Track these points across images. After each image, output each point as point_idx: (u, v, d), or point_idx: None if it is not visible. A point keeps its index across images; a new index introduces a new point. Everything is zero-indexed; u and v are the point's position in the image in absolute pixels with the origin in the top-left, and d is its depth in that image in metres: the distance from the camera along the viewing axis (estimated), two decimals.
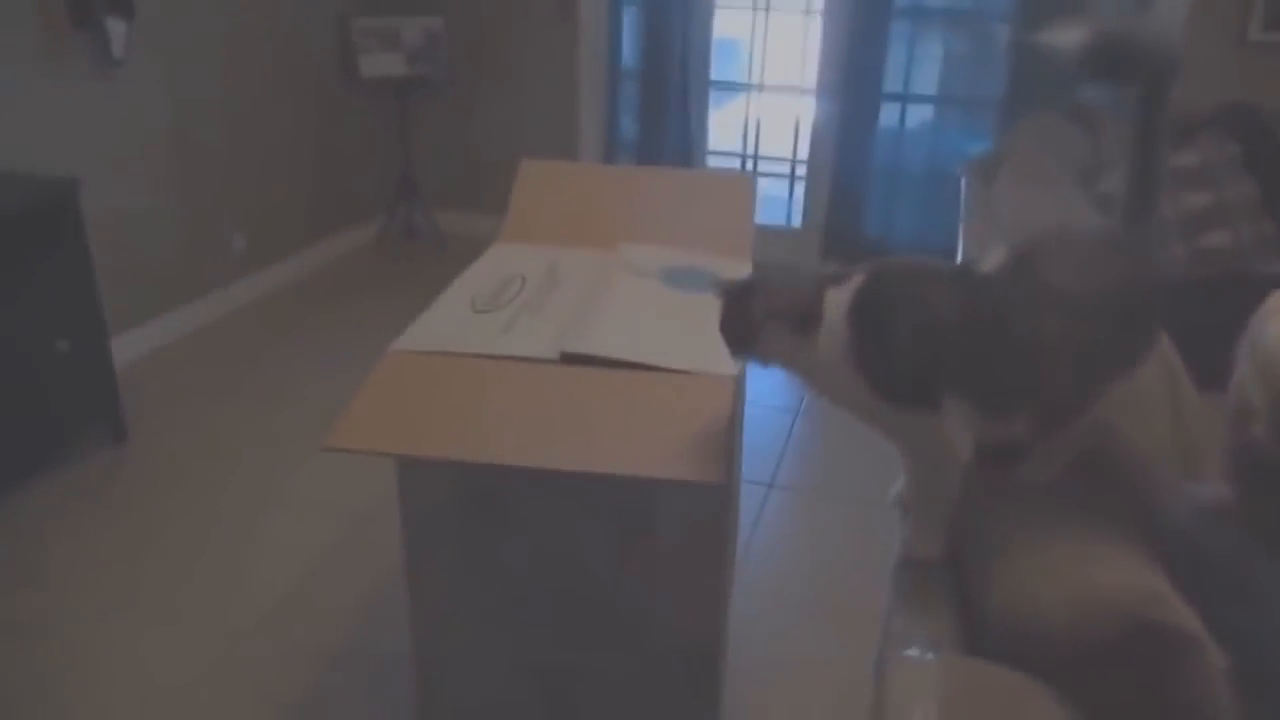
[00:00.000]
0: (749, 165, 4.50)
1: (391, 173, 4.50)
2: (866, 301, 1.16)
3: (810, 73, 4.16)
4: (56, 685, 1.98)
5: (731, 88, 4.52)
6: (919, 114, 4.15)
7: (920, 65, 4.05)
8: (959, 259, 2.38)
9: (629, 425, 1.37)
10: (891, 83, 4.03)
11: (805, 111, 4.24)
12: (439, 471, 1.49)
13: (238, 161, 3.72)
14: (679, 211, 2.02)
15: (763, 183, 4.33)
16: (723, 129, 4.57)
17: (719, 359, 1.50)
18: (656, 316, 1.64)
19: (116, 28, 3.02)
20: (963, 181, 3.04)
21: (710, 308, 1.33)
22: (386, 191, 4.53)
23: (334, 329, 3.70)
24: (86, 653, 2.06)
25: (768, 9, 4.23)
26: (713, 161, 4.48)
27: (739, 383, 1.49)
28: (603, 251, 1.87)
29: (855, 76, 4.01)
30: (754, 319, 1.22)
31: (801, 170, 4.34)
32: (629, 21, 4.22)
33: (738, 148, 4.52)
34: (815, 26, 4.09)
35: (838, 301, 1.16)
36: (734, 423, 1.37)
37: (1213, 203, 2.91)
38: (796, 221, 4.40)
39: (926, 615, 1.06)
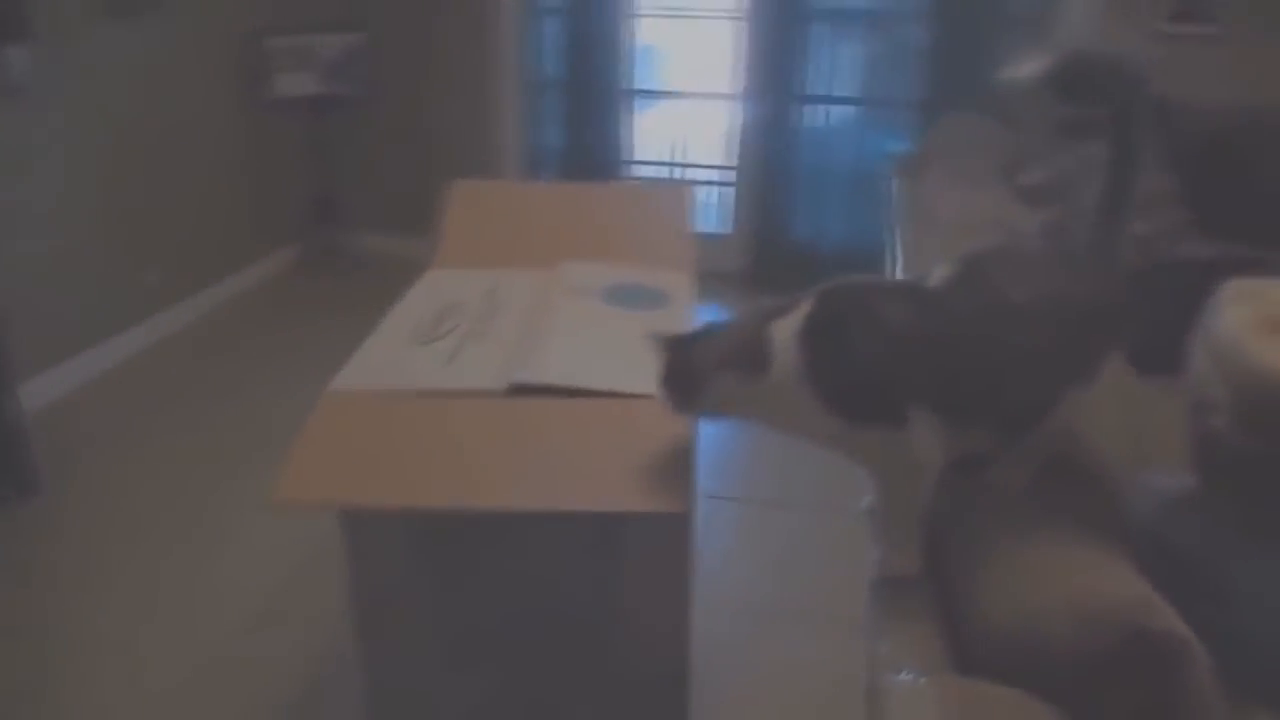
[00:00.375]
0: (676, 173, 4.48)
1: (311, 195, 4.38)
2: (818, 323, 1.14)
3: (733, 78, 4.16)
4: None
5: (654, 95, 4.50)
6: (841, 116, 4.18)
7: (840, 67, 4.08)
8: (897, 258, 2.39)
9: (586, 457, 1.32)
10: (813, 85, 4.05)
11: (730, 117, 4.24)
12: (386, 514, 1.42)
13: (149, 190, 3.56)
14: (617, 226, 1.98)
15: None
16: (646, 137, 4.54)
17: None
18: (603, 338, 1.59)
19: (15, 55, 2.88)
20: (892, 181, 3.06)
21: (651, 324, 1.30)
22: (308, 215, 4.40)
23: (259, 360, 3.56)
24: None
25: (689, 16, 4.22)
26: (639, 171, 4.45)
27: None
28: (542, 272, 1.82)
29: (777, 80, 4.02)
30: (699, 371, 1.19)
31: (728, 176, 4.33)
32: (550, 31, 4.17)
33: (662, 156, 4.50)
34: (736, 32, 4.10)
35: (786, 329, 1.15)
36: (692, 447, 1.34)
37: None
38: (725, 228, 4.39)
39: (911, 634, 1.04)
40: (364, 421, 1.39)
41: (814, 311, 1.14)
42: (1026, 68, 1.13)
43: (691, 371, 1.19)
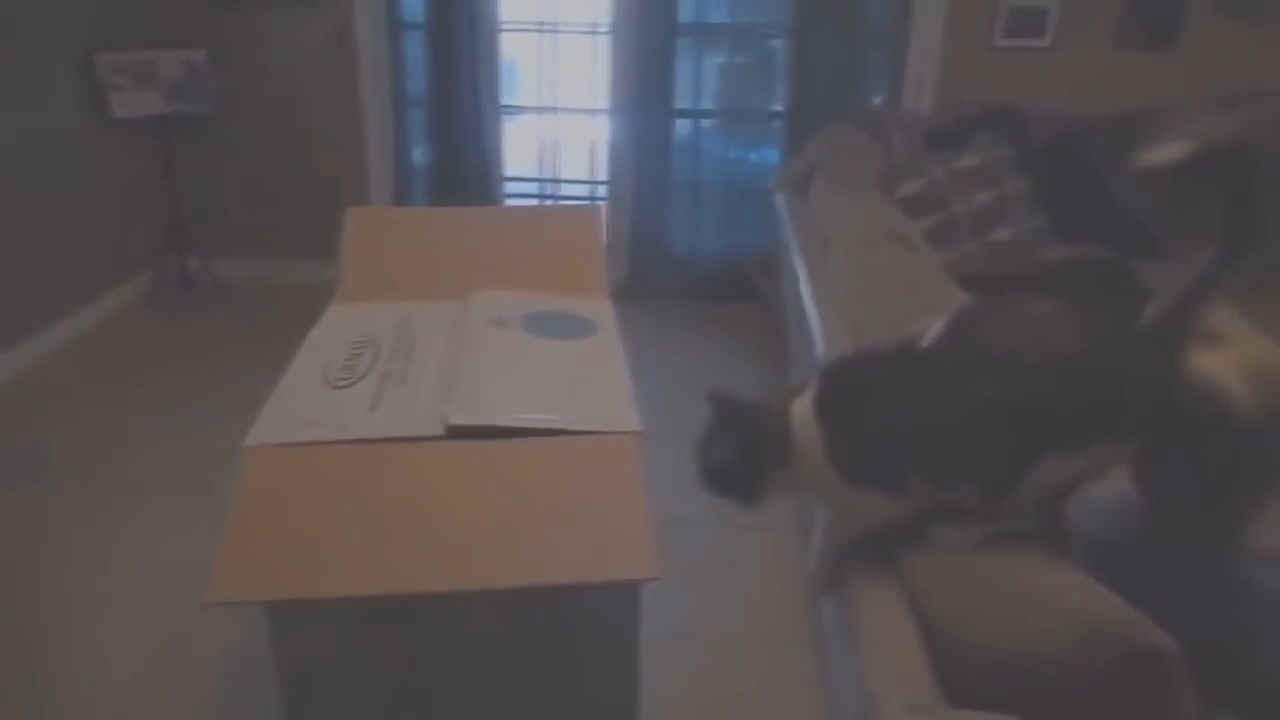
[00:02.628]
0: (548, 189, 4.42)
1: (161, 221, 4.08)
2: (828, 402, 1.19)
3: (599, 93, 4.14)
4: None
5: (521, 110, 4.42)
6: (710, 128, 4.22)
7: (707, 81, 4.13)
8: (798, 274, 2.42)
9: (541, 514, 1.26)
10: (681, 99, 4.07)
11: (599, 131, 4.21)
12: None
13: None
14: (526, 252, 1.92)
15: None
16: (515, 152, 4.46)
17: (613, 410, 1.42)
18: (532, 370, 1.53)
19: None
20: (776, 196, 3.11)
21: (582, 353, 1.29)
22: (159, 242, 4.10)
23: (113, 407, 3.28)
24: None
25: (554, 30, 4.17)
26: (511, 187, 4.37)
27: (641, 438, 1.40)
28: (454, 303, 1.73)
29: (646, 94, 4.03)
30: (762, 471, 1.23)
31: (601, 191, 4.30)
32: (411, 47, 4.03)
33: (529, 172, 4.43)
34: (603, 46, 4.08)
35: (801, 410, 1.20)
36: (649, 499, 1.29)
37: (996, 199, 3.12)
38: None
39: (899, 667, 1.03)
40: (293, 485, 1.27)
41: (822, 391, 1.18)
42: (1164, 153, 1.06)
43: (740, 476, 1.24)
